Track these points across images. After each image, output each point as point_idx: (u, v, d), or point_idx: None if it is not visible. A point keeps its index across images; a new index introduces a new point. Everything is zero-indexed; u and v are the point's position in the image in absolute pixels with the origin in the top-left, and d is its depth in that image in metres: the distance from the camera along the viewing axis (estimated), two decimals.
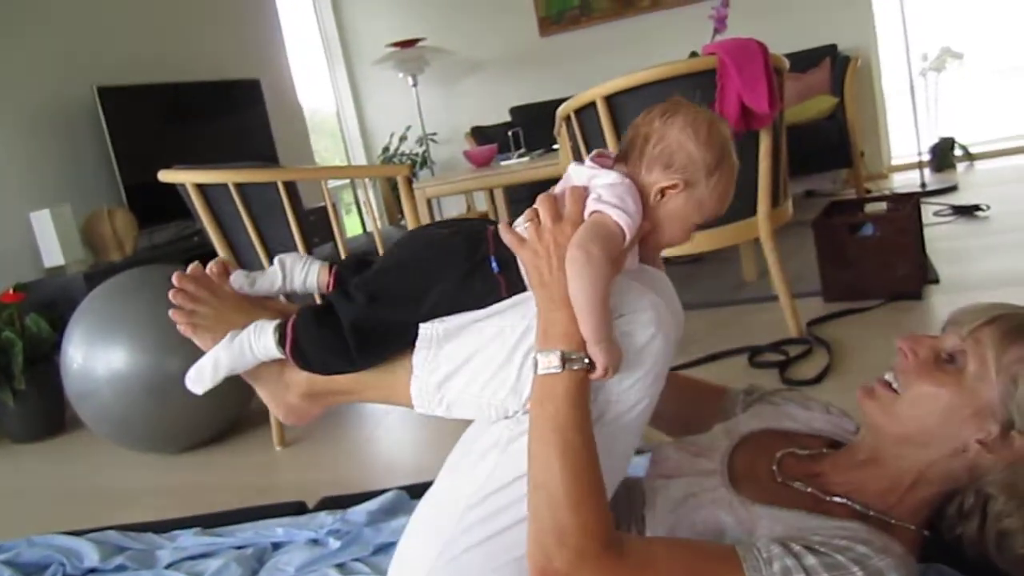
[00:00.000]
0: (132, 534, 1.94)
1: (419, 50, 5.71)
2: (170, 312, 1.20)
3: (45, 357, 3.22)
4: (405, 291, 1.09)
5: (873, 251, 2.84)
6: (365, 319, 1.09)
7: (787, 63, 2.61)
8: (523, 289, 1.07)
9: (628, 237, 1.01)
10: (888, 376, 1.03)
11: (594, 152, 1.12)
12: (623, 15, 5.65)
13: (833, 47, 5.14)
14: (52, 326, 3.24)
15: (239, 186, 2.46)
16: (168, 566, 1.79)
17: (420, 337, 1.08)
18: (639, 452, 1.63)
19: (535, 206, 1.05)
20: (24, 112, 3.79)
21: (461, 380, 1.05)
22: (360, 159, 6.45)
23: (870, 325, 2.66)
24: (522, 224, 1.07)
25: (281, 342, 1.12)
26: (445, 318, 1.08)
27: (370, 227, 2.66)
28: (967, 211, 3.94)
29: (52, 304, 3.38)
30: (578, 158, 2.68)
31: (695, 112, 1.08)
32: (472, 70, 6.09)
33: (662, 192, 1.06)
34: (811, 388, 2.22)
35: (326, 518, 1.84)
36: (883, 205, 3.27)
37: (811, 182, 5.25)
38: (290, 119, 5.50)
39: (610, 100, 2.46)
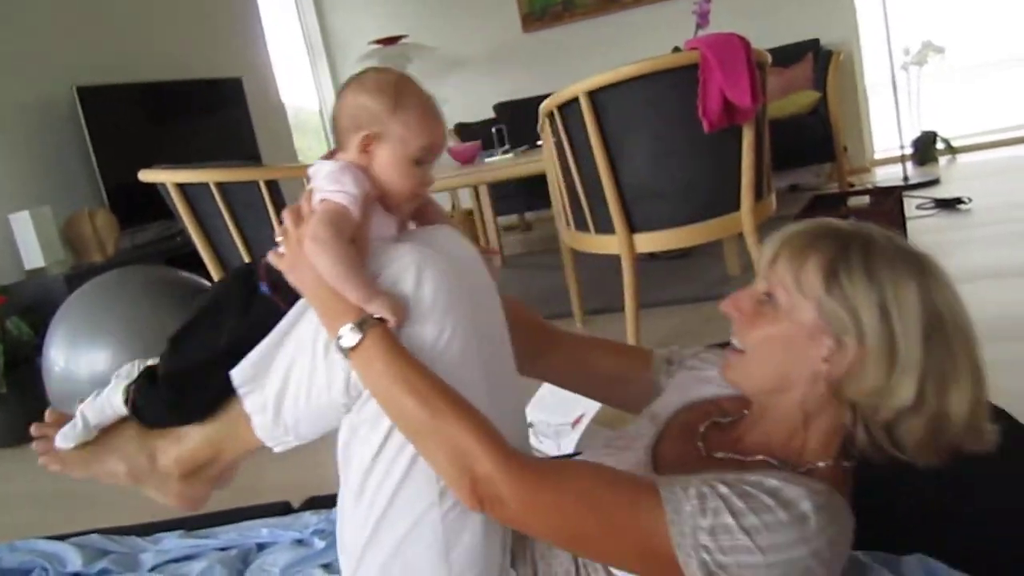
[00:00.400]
0: (115, 537, 1.92)
1: (402, 47, 5.69)
2: (39, 459, 1.28)
3: (26, 360, 3.18)
4: (200, 337, 1.18)
5: None
6: (172, 369, 1.19)
7: (769, 57, 2.62)
8: (299, 299, 1.14)
9: (354, 209, 1.07)
10: (734, 341, 1.06)
11: (326, 152, 1.18)
12: (606, 11, 5.65)
13: (816, 42, 5.16)
14: (33, 329, 3.21)
15: (220, 185, 2.45)
16: (152, 569, 1.77)
17: (235, 385, 1.14)
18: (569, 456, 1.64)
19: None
20: (2, 112, 3.75)
21: (290, 402, 1.11)
22: None
23: None
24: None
25: (126, 401, 1.22)
26: (248, 356, 1.14)
27: None
28: (949, 204, 3.96)
29: (33, 307, 3.35)
30: (561, 154, 2.68)
31: (361, 73, 1.15)
32: (455, 67, 6.08)
33: (364, 149, 1.11)
34: None
35: (311, 518, 1.82)
36: (866, 199, 3.28)
37: (795, 176, 5.27)
38: (273, 118, 5.47)
39: (593, 96, 2.46)
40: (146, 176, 2.54)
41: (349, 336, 1.01)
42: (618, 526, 0.93)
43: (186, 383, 1.18)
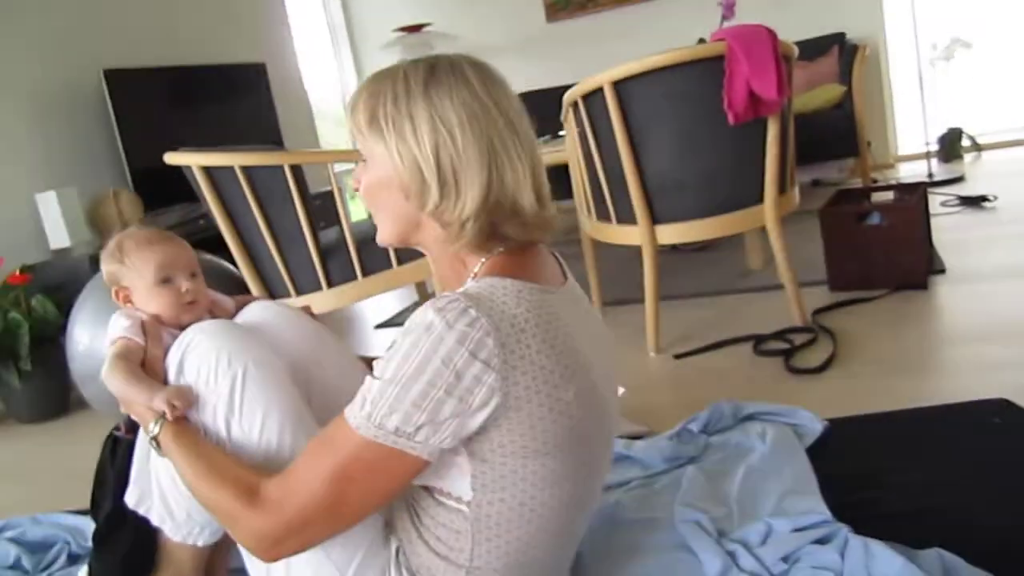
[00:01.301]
0: None
1: (425, 35, 5.69)
2: None
3: (51, 338, 3.22)
4: (102, 499, 1.40)
5: (879, 241, 2.83)
6: (96, 537, 1.40)
7: (796, 50, 2.60)
8: None
9: (133, 335, 1.25)
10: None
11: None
12: (631, 1, 5.62)
13: (841, 35, 5.11)
14: (58, 308, 3.24)
15: (245, 169, 2.46)
16: None
17: (132, 507, 1.32)
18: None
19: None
20: (31, 94, 3.79)
21: (173, 501, 1.27)
22: None
23: (875, 315, 2.65)
24: None
25: None
26: (130, 481, 1.33)
27: None
28: (974, 201, 3.92)
29: (58, 286, 3.39)
30: (584, 144, 2.68)
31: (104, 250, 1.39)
32: (478, 55, 6.04)
33: (126, 302, 1.35)
34: (815, 377, 2.23)
35: None
36: (890, 195, 3.26)
37: (817, 171, 5.23)
38: (296, 104, 5.49)
39: (618, 86, 2.45)
40: (172, 159, 2.56)
41: (148, 438, 1.17)
42: (346, 473, 0.99)
43: (110, 541, 1.37)
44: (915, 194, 2.99)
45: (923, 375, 2.14)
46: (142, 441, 1.32)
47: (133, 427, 1.34)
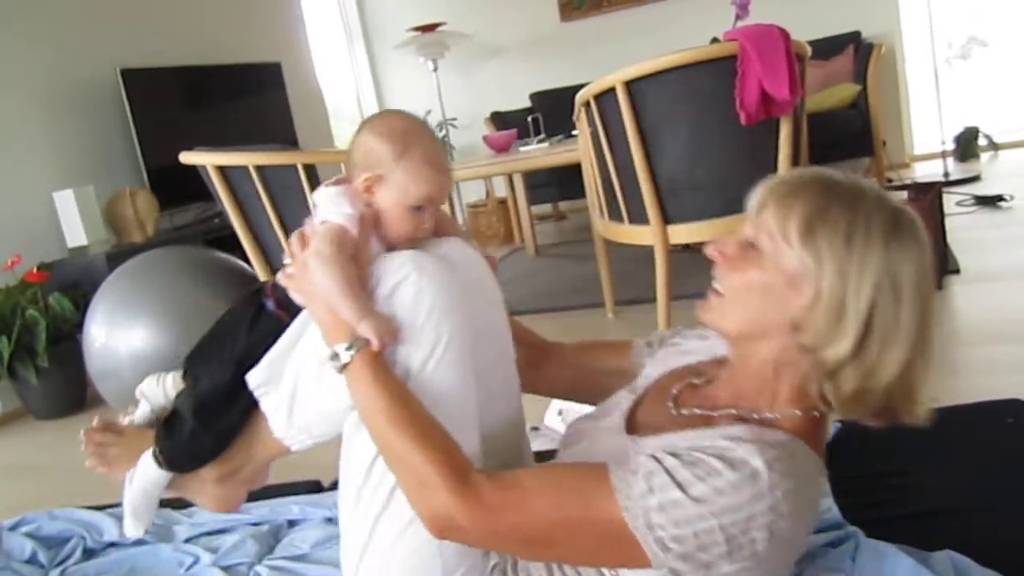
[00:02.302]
0: None
1: (440, 34, 5.71)
2: (86, 462, 1.35)
3: (68, 336, 3.26)
4: (213, 357, 1.25)
5: None
6: (196, 401, 1.23)
7: (809, 49, 2.59)
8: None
9: (352, 228, 1.11)
10: (714, 284, 1.07)
11: (333, 179, 1.21)
12: (645, 1, 5.61)
13: (857, 34, 5.09)
14: (75, 305, 3.28)
15: (259, 168, 2.48)
16: (186, 540, 1.82)
17: (251, 387, 1.20)
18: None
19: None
20: (49, 93, 3.83)
21: (301, 404, 1.16)
22: None
23: None
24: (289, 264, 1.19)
25: (160, 464, 1.26)
26: (260, 362, 1.20)
27: None
28: (990, 201, 3.90)
29: (75, 284, 3.42)
30: (597, 144, 2.68)
31: (379, 114, 1.21)
32: (493, 55, 6.08)
33: (367, 190, 1.15)
34: None
35: None
36: (904, 194, 3.24)
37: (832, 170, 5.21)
38: (310, 103, 5.52)
39: (630, 86, 2.46)
40: (187, 158, 2.58)
41: (342, 355, 1.05)
42: (575, 528, 0.95)
43: (211, 412, 1.23)
44: (929, 194, 2.97)
45: (936, 375, 2.12)
46: (298, 327, 1.19)
47: (288, 306, 1.20)
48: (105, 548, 1.87)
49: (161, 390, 1.35)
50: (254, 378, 1.20)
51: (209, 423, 1.23)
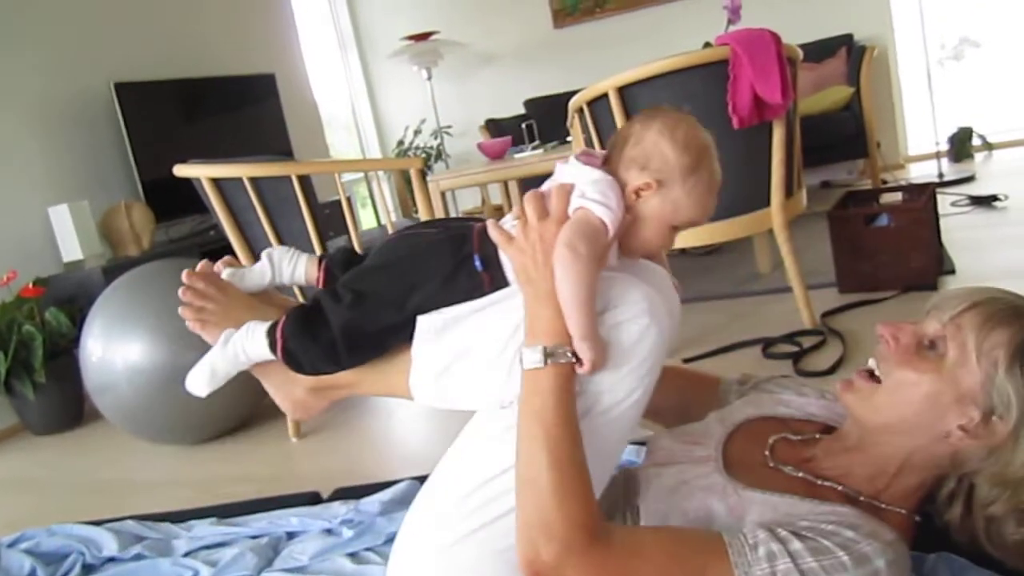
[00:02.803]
0: (150, 524, 1.97)
1: (433, 43, 5.72)
2: (180, 309, 1.24)
3: (65, 350, 3.25)
4: (390, 292, 1.12)
5: (888, 242, 2.82)
6: (352, 322, 1.12)
7: (800, 53, 2.60)
8: (507, 285, 1.10)
9: (611, 232, 1.03)
10: (871, 363, 1.03)
11: (580, 151, 1.13)
12: (638, 6, 5.63)
13: (849, 37, 5.10)
14: (71, 320, 3.28)
15: (253, 180, 2.48)
16: (185, 555, 1.81)
17: (419, 329, 1.10)
18: (638, 443, 1.64)
19: (523, 204, 1.07)
20: (42, 108, 3.83)
21: (458, 372, 1.08)
22: (375, 153, 6.47)
23: (885, 316, 2.64)
24: (510, 222, 1.09)
25: (272, 346, 1.15)
26: (443, 310, 1.10)
27: (384, 220, 2.68)
28: (984, 201, 3.90)
29: (71, 298, 3.42)
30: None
31: (676, 117, 1.09)
32: (486, 63, 6.09)
33: (637, 192, 1.07)
34: (824, 379, 2.22)
35: (340, 508, 1.85)
36: (899, 196, 3.25)
37: (827, 172, 5.23)
38: (305, 113, 5.52)
39: (622, 92, 2.46)
40: (181, 171, 2.58)
41: (535, 356, 0.97)
42: None
43: (363, 339, 1.13)
44: (924, 195, 2.98)
45: None
46: (496, 297, 1.10)
47: (493, 267, 1.10)
48: (104, 563, 1.86)
49: (291, 268, 1.27)
50: (426, 322, 1.10)
51: (355, 350, 1.13)
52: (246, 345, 1.17)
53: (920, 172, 5.12)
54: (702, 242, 2.69)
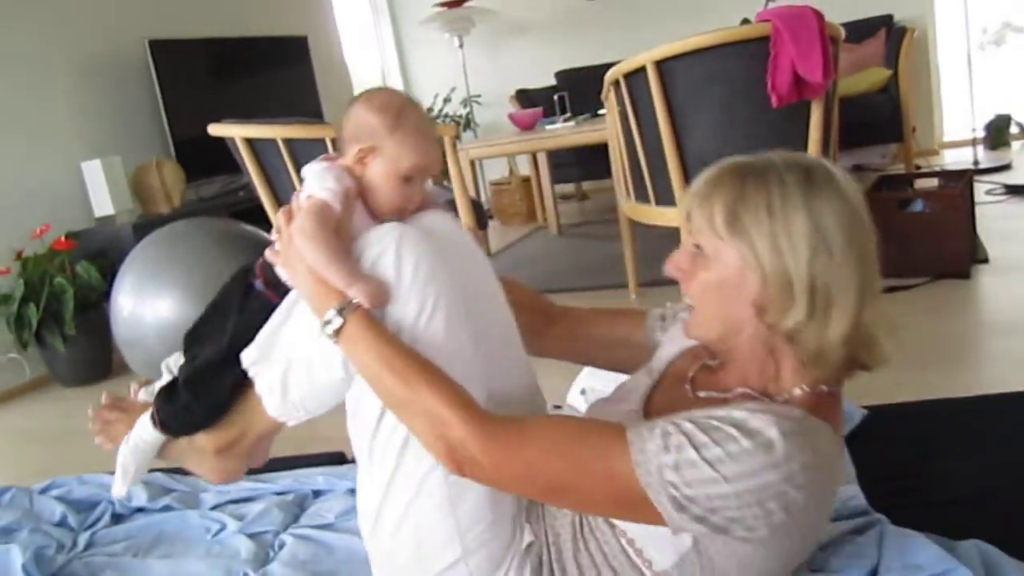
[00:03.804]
0: (178, 476, 2.00)
1: (466, 10, 5.68)
2: (95, 440, 1.39)
3: (95, 304, 3.30)
4: (207, 338, 1.29)
5: (922, 228, 2.79)
6: (188, 374, 1.28)
7: (843, 32, 2.56)
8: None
9: (335, 206, 1.14)
10: (685, 299, 1.09)
11: (321, 156, 1.24)
12: None
13: (889, 17, 5.02)
14: (101, 274, 3.31)
15: (288, 141, 2.49)
16: (212, 508, 1.85)
17: (246, 366, 1.22)
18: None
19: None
20: (78, 64, 3.85)
21: (294, 380, 1.18)
22: None
23: (916, 302, 2.62)
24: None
25: (154, 423, 1.30)
26: (255, 339, 1.22)
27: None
28: (1020, 190, 3.85)
29: (102, 252, 3.46)
30: (625, 123, 2.67)
31: (371, 89, 1.24)
32: (519, 32, 6.04)
33: (360, 162, 1.19)
34: None
35: None
36: (934, 181, 3.21)
37: (859, 156, 5.16)
38: (335, 77, 5.51)
39: (660, 65, 2.44)
40: (216, 130, 2.59)
41: (334, 320, 1.07)
42: (588, 474, 0.96)
43: (201, 386, 1.27)
44: (960, 181, 2.94)
45: (962, 365, 2.12)
46: (285, 307, 1.21)
47: (275, 283, 1.23)
48: (133, 513, 1.90)
49: (176, 366, 1.39)
50: (247, 356, 1.23)
51: (200, 396, 1.27)
52: (140, 433, 1.31)
53: (954, 159, 5.05)
54: None
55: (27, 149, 3.58)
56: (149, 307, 2.71)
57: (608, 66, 2.67)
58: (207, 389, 1.27)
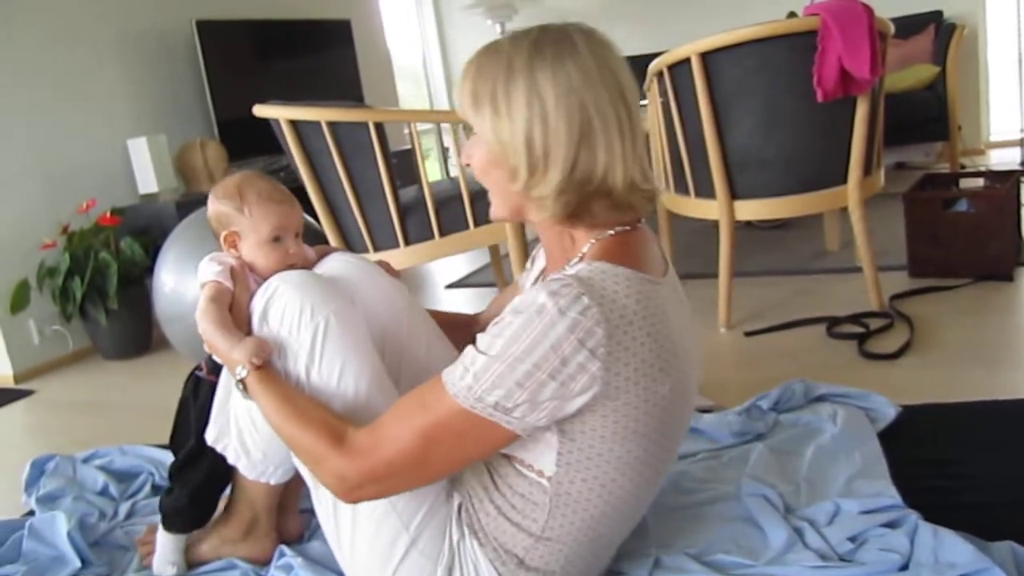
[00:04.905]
0: None
1: None
2: (145, 562, 1.58)
3: (137, 280, 3.36)
4: (181, 435, 1.51)
5: (966, 228, 2.75)
6: (173, 470, 1.49)
7: (892, 27, 2.53)
8: None
9: (224, 282, 1.28)
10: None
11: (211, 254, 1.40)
12: None
13: (939, 14, 4.93)
14: (145, 250, 3.37)
15: (331, 124, 2.51)
16: None
17: (210, 444, 1.40)
18: None
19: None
20: (126, 43, 3.91)
21: (249, 440, 1.35)
22: (443, 106, 6.46)
23: (956, 303, 2.59)
24: None
25: (165, 527, 1.51)
26: (210, 421, 1.40)
27: (455, 172, 2.69)
28: None
29: (145, 229, 3.52)
30: (667, 115, 2.66)
31: (216, 185, 1.40)
32: (561, 19, 6.00)
33: (232, 247, 1.36)
34: (890, 362, 2.19)
35: None
36: (979, 181, 3.16)
37: (903, 153, 5.08)
38: (377, 62, 5.54)
39: (705, 57, 2.42)
40: (261, 111, 2.62)
41: (238, 379, 1.20)
42: (436, 435, 1.02)
43: (184, 475, 1.47)
44: (1008, 182, 2.89)
45: (1002, 367, 2.09)
46: (224, 382, 1.39)
47: (216, 369, 1.41)
48: None
49: None
50: (210, 435, 1.39)
51: (183, 483, 1.46)
52: (161, 542, 1.51)
53: (1000, 159, 4.95)
54: (775, 215, 2.65)
55: (75, 125, 3.65)
56: (191, 284, 2.75)
57: (651, 57, 2.66)
58: (187, 475, 1.46)
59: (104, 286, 3.30)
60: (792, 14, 3.85)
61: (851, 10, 2.35)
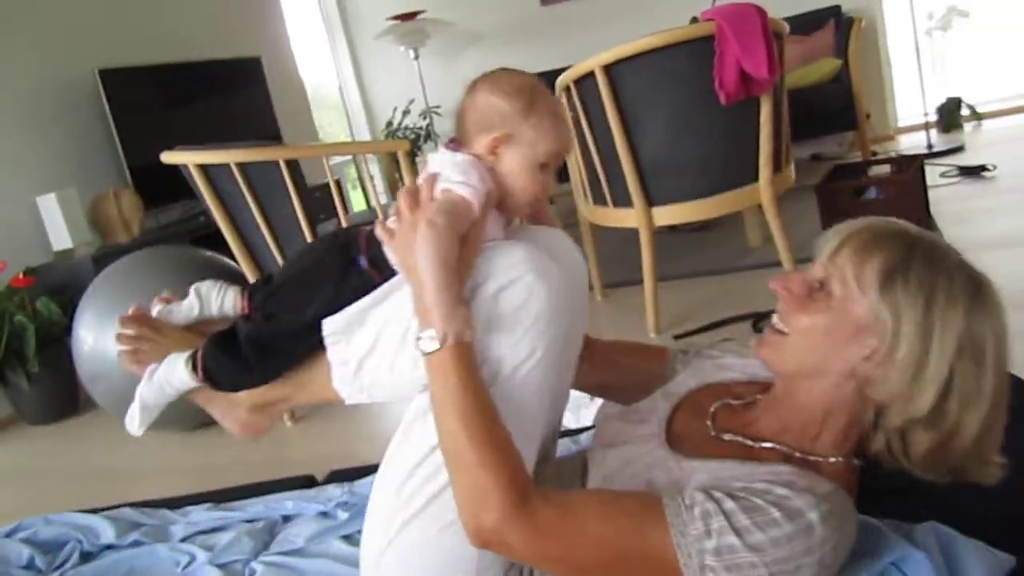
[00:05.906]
0: (146, 510, 1.97)
1: (420, 23, 5.68)
2: (117, 352, 1.33)
3: (57, 340, 3.25)
4: (290, 302, 1.21)
5: (877, 214, 2.82)
6: (258, 333, 1.21)
7: (786, 27, 2.60)
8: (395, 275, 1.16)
9: (475, 206, 1.06)
10: (775, 320, 1.05)
11: (448, 139, 1.16)
12: None
13: (837, 8, 5.09)
14: (63, 309, 3.27)
15: (241, 165, 2.47)
16: (182, 540, 1.82)
17: (325, 332, 1.16)
18: (584, 429, 1.66)
19: (398, 200, 1.12)
20: (27, 97, 3.80)
21: (372, 364, 1.14)
22: (364, 134, 6.43)
23: None
24: (392, 220, 1.13)
25: (194, 369, 1.24)
26: (344, 310, 1.15)
27: (373, 203, 2.68)
28: (973, 171, 3.91)
29: (62, 287, 3.41)
30: (578, 128, 2.69)
31: (494, 73, 1.14)
32: (473, 41, 6.06)
33: (493, 152, 1.11)
34: None
35: (335, 491, 1.86)
36: (887, 168, 3.26)
37: (816, 145, 5.22)
38: (292, 96, 5.49)
39: (609, 69, 2.46)
40: (168, 158, 2.57)
41: (430, 341, 1.00)
42: (626, 558, 0.93)
43: (270, 349, 1.21)
44: (912, 166, 2.99)
45: None
46: (384, 289, 1.15)
47: (380, 263, 1.16)
48: (102, 551, 1.87)
49: (219, 302, 1.32)
50: (331, 324, 1.16)
51: (266, 358, 1.22)
52: (168, 376, 1.26)
53: (910, 143, 5.12)
54: (691, 218, 2.69)
55: None
56: (111, 340, 2.67)
57: (563, 71, 2.68)
58: (275, 353, 1.21)
59: (22, 349, 3.19)
60: (695, 20, 3.93)
61: (745, 14, 2.41)
